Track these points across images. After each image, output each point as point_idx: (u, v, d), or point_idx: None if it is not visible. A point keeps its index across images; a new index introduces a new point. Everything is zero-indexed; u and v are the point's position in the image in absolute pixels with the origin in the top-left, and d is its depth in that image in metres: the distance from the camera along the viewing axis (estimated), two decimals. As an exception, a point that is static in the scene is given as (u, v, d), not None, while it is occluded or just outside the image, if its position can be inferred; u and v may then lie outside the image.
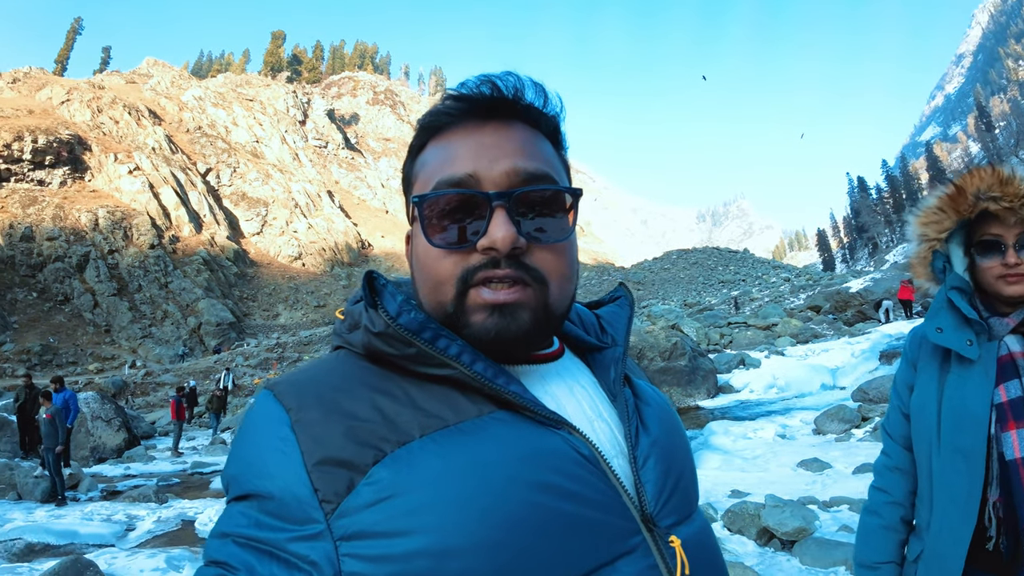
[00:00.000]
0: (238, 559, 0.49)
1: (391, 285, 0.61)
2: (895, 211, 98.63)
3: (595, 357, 0.68)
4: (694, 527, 0.61)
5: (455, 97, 0.60)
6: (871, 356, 12.62)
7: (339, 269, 68.89)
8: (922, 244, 1.37)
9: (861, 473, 5.72)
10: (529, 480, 0.51)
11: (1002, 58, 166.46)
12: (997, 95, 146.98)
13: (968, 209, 1.27)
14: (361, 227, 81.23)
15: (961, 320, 1.26)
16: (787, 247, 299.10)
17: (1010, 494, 1.17)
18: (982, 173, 1.27)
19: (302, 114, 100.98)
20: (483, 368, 0.55)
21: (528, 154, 0.59)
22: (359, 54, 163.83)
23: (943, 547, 1.23)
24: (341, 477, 0.50)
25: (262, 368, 33.49)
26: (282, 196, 74.17)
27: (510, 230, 0.55)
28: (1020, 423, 1.18)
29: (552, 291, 0.58)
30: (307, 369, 0.59)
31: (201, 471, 10.47)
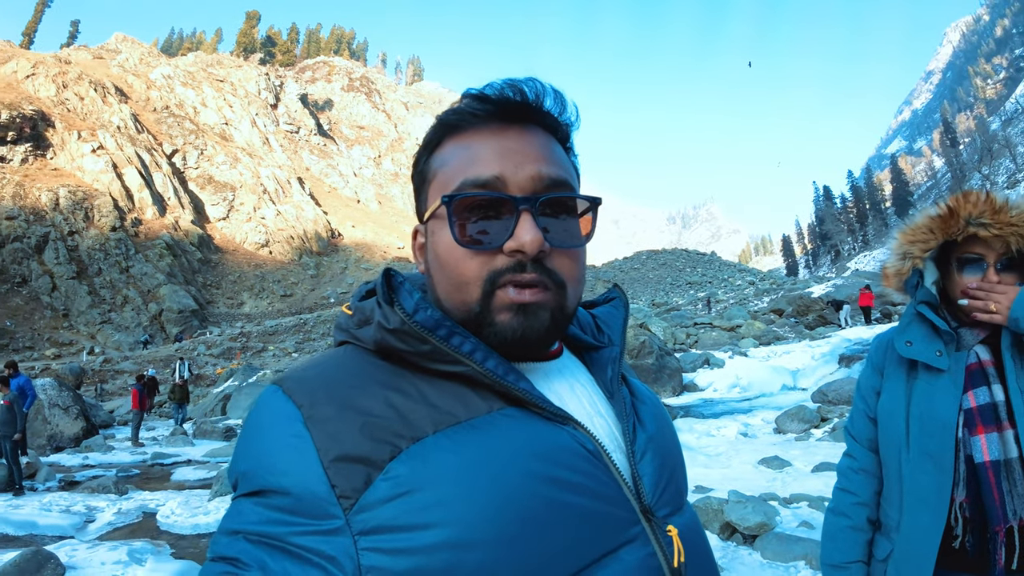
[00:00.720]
0: (250, 555, 0.49)
1: (408, 283, 0.61)
2: (858, 220, 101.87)
3: (592, 356, 0.70)
4: (686, 517, 0.64)
5: (480, 98, 0.60)
6: (831, 359, 13.06)
7: (307, 258, 67.43)
8: (906, 260, 1.42)
9: (820, 471, 5.94)
10: (540, 474, 0.53)
11: (971, 76, 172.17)
12: (964, 112, 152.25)
13: (958, 232, 1.33)
14: (332, 216, 79.40)
15: (931, 332, 1.32)
16: (753, 251, 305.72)
17: (979, 495, 1.22)
18: (976, 198, 1.33)
19: (274, 97, 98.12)
20: (494, 365, 0.57)
21: (549, 160, 0.60)
22: (335, 39, 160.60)
23: (914, 546, 1.27)
24: (358, 473, 0.50)
25: (225, 358, 32.78)
26: (250, 181, 72.13)
27: (538, 234, 0.56)
28: (988, 428, 1.22)
29: (568, 294, 0.60)
30: (314, 365, 0.60)
31: (162, 462, 10.25)
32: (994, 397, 1.24)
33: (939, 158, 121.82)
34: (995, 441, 1.22)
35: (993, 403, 1.24)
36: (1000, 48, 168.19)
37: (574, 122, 0.66)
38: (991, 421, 1.23)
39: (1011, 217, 1.27)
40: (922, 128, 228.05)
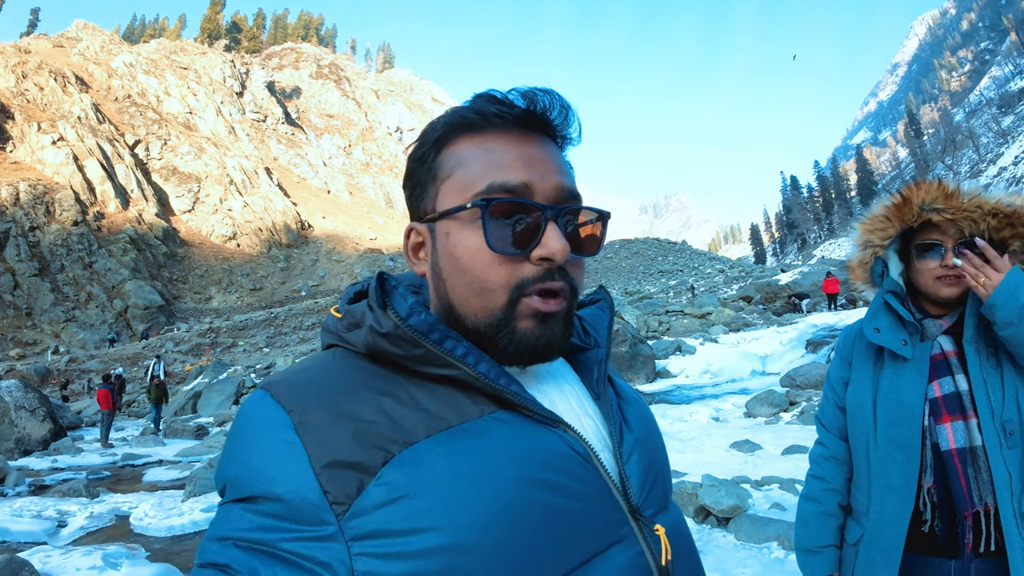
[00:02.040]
0: (240, 562, 0.49)
1: (402, 287, 0.61)
2: (824, 209, 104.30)
3: (578, 358, 0.71)
4: (672, 516, 0.65)
5: (501, 102, 0.60)
6: (798, 345, 13.45)
7: (277, 250, 66.13)
8: (867, 250, 1.48)
9: (789, 454, 6.13)
10: (532, 478, 0.54)
11: (936, 69, 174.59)
12: (928, 104, 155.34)
13: (913, 218, 1.38)
14: (301, 207, 77.88)
15: (897, 321, 1.37)
16: (722, 240, 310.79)
17: (946, 482, 1.27)
18: (928, 186, 1.38)
19: (240, 85, 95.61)
20: (486, 369, 0.57)
21: (567, 172, 0.62)
22: (303, 25, 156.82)
23: (883, 530, 1.32)
24: (351, 479, 0.50)
25: (194, 354, 32.13)
26: (216, 172, 70.24)
27: (565, 244, 0.57)
28: (953, 417, 1.27)
29: (576, 301, 0.62)
30: (303, 370, 0.59)
31: (133, 463, 10.07)
32: (958, 387, 1.29)
33: (903, 149, 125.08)
34: (960, 429, 1.26)
35: (957, 392, 1.28)
36: (966, 41, 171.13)
37: (576, 138, 0.67)
38: (956, 410, 1.27)
39: (963, 203, 1.32)
40: (887, 119, 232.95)
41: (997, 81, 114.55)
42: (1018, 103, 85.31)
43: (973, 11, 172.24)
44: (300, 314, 42.05)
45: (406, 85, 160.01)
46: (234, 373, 23.07)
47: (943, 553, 1.26)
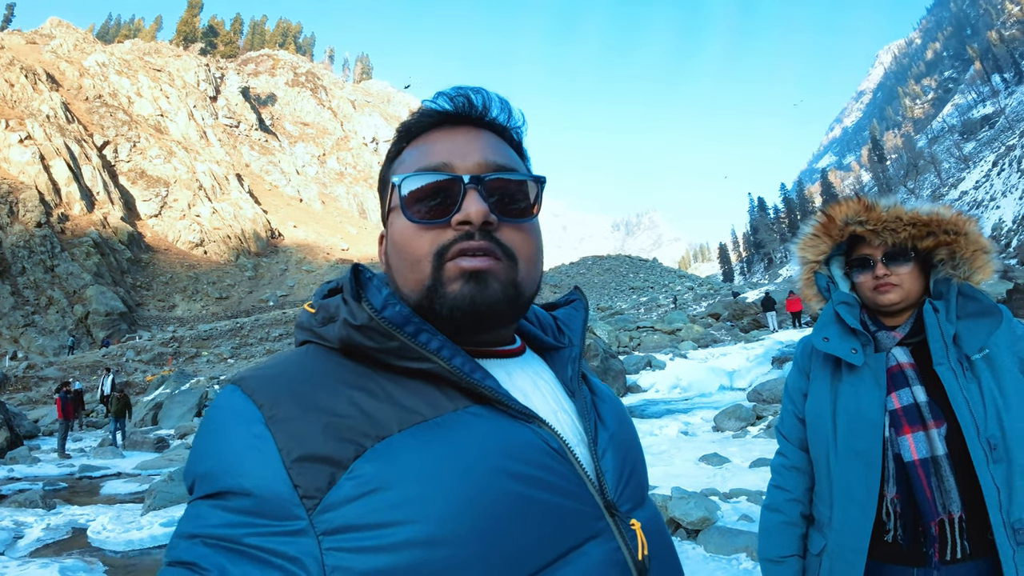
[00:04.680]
0: (209, 560, 0.48)
1: (377, 279, 0.62)
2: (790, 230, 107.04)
3: (552, 356, 0.72)
4: (648, 512, 0.65)
5: (432, 104, 0.66)
6: (764, 360, 13.75)
7: (245, 259, 64.51)
8: (804, 267, 1.54)
9: (756, 467, 6.26)
10: (506, 471, 0.53)
11: (900, 96, 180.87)
12: (892, 130, 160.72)
13: (839, 234, 1.45)
14: (272, 215, 76.39)
15: (847, 331, 1.40)
16: (692, 258, 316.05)
17: (910, 492, 1.28)
18: (849, 203, 1.44)
19: (214, 89, 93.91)
20: (461, 363, 0.57)
21: (495, 152, 0.64)
22: (281, 32, 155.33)
23: (846, 541, 1.33)
24: (322, 473, 0.50)
25: (155, 364, 31.16)
26: (185, 176, 68.53)
27: (483, 206, 0.59)
28: (914, 428, 1.29)
29: (521, 269, 0.61)
30: (275, 364, 0.59)
31: (90, 475, 9.73)
32: (916, 398, 1.30)
33: (867, 173, 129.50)
34: (922, 440, 1.28)
35: (916, 404, 1.30)
36: (930, 70, 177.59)
37: (521, 127, 0.70)
38: (916, 421, 1.29)
39: (882, 215, 1.38)
40: (852, 144, 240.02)
41: (960, 108, 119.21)
42: (980, 130, 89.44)
43: (939, 41, 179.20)
44: (267, 324, 41.11)
45: (383, 96, 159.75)
46: (197, 384, 22.45)
47: (908, 561, 1.29)
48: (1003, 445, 1.25)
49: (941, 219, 1.36)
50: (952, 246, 1.36)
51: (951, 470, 1.25)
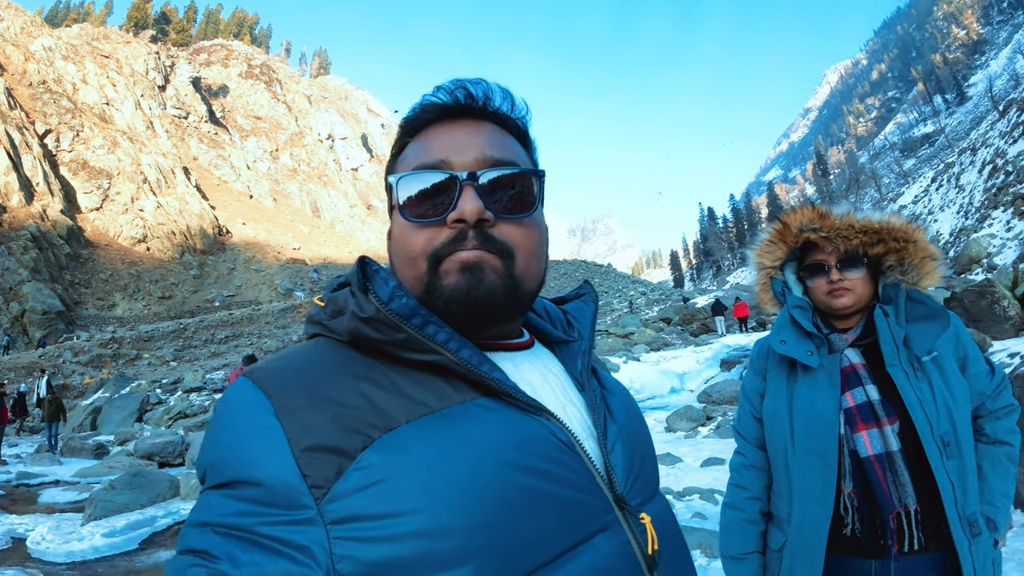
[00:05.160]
0: (219, 548, 0.48)
1: (384, 271, 0.61)
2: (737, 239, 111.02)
3: (562, 349, 0.72)
4: (659, 506, 0.65)
5: (430, 102, 0.65)
6: (713, 363, 14.18)
7: (190, 256, 61.35)
8: (760, 272, 1.59)
9: (708, 466, 6.49)
10: (513, 463, 0.53)
11: (845, 114, 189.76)
12: (836, 146, 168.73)
13: (794, 240, 1.51)
14: (220, 211, 73.05)
15: (802, 333, 1.46)
16: (644, 264, 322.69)
17: (867, 486, 1.33)
18: (804, 210, 1.50)
19: (163, 78, 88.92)
20: (468, 355, 0.57)
21: (494, 146, 0.63)
22: (237, 22, 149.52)
23: (805, 535, 1.37)
24: (330, 463, 0.50)
25: (94, 366, 29.66)
26: (129, 168, 64.61)
27: (477, 203, 0.59)
28: (868, 425, 1.34)
29: (519, 262, 0.61)
30: (285, 357, 0.59)
31: (27, 483, 9.33)
32: (869, 396, 1.36)
33: (811, 186, 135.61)
34: (876, 436, 1.33)
35: (869, 402, 1.35)
36: (875, 90, 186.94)
37: (525, 116, 0.69)
38: (870, 418, 1.34)
39: (835, 222, 1.44)
40: (798, 159, 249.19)
41: (901, 127, 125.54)
42: (920, 148, 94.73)
43: (884, 62, 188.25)
44: (212, 326, 39.64)
45: (341, 93, 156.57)
46: (138, 388, 21.56)
47: (866, 553, 1.33)
48: (955, 442, 1.31)
49: (892, 227, 1.43)
50: (901, 253, 1.42)
51: (905, 465, 1.30)
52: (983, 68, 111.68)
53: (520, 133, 0.69)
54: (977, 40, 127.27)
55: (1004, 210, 21.20)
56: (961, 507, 1.28)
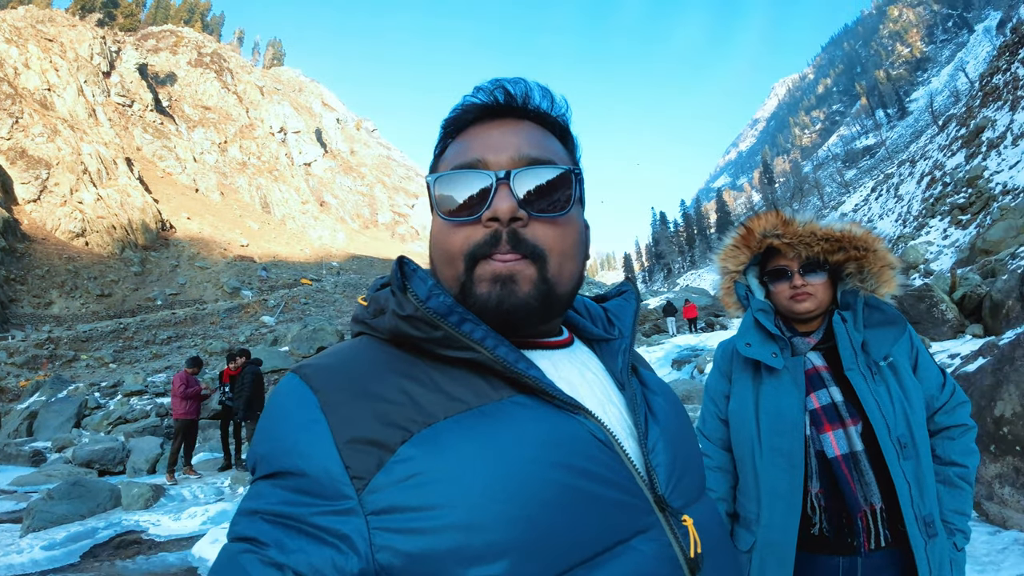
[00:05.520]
0: (268, 535, 0.50)
1: (421, 270, 0.63)
2: (687, 243, 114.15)
3: (602, 347, 0.72)
4: (704, 508, 0.64)
5: (470, 102, 0.66)
6: (665, 363, 14.62)
7: (131, 252, 58.43)
8: (724, 276, 1.61)
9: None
10: (550, 460, 0.53)
11: (791, 126, 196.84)
12: (781, 156, 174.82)
13: (757, 245, 1.53)
14: (163, 205, 69.87)
15: (766, 336, 1.48)
16: (599, 267, 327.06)
17: (834, 486, 1.35)
18: (768, 216, 1.53)
19: (108, 64, 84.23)
20: (505, 352, 0.58)
21: (531, 144, 0.64)
22: (188, 8, 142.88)
23: (774, 536, 1.38)
24: (371, 455, 0.52)
25: (29, 368, 28.29)
26: (69, 158, 60.89)
27: (512, 202, 0.59)
28: (834, 426, 1.36)
29: (551, 265, 0.61)
30: (331, 354, 0.62)
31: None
32: (833, 398, 1.38)
33: (757, 194, 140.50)
34: (842, 437, 1.35)
35: (833, 403, 1.38)
36: (820, 103, 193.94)
37: (565, 114, 0.69)
38: (835, 419, 1.37)
39: (798, 229, 1.48)
40: (745, 167, 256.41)
41: (844, 139, 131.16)
42: (861, 159, 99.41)
43: (830, 77, 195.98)
44: (154, 326, 38.23)
45: (295, 85, 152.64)
46: (76, 391, 20.77)
47: (834, 551, 1.35)
48: (912, 444, 1.34)
49: (852, 236, 1.46)
50: (861, 261, 1.45)
51: (869, 464, 1.33)
52: (925, 84, 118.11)
53: (561, 131, 0.69)
54: (920, 58, 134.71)
55: (941, 219, 22.32)
56: (917, 507, 1.31)
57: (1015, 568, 3.19)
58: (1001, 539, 3.60)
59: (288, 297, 47.82)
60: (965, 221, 20.57)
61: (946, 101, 77.60)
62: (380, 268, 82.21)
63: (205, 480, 8.70)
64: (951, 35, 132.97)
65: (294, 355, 22.18)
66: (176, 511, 6.86)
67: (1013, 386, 3.78)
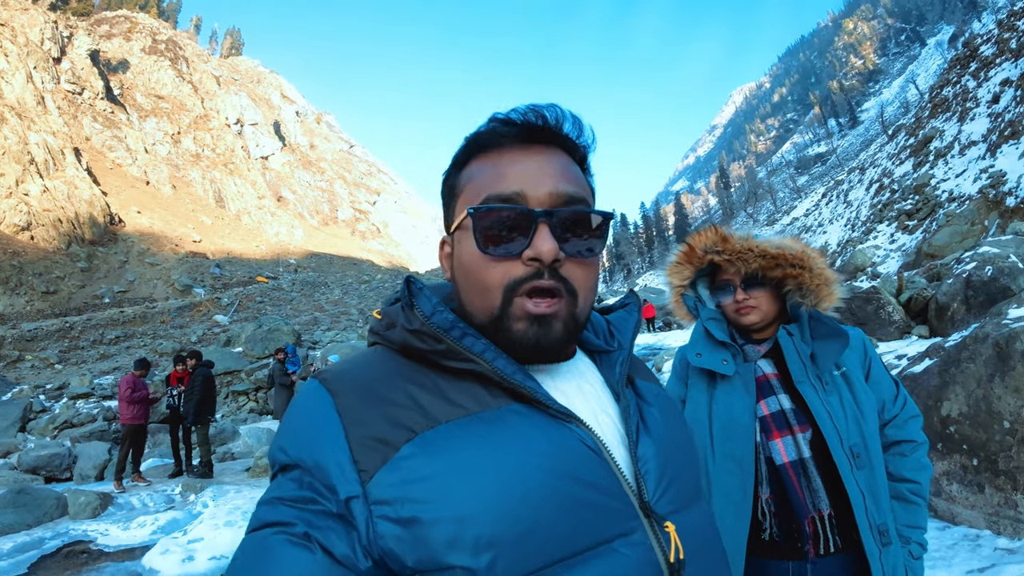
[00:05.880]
0: (293, 516, 0.56)
1: (427, 289, 0.68)
2: (647, 244, 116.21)
3: (602, 359, 0.75)
4: (693, 515, 0.67)
5: (505, 122, 0.67)
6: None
7: (78, 247, 55.53)
8: (672, 290, 1.64)
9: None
10: (539, 464, 0.58)
11: (747, 133, 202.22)
12: (737, 161, 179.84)
13: (699, 261, 1.56)
14: (112, 198, 66.48)
15: (717, 344, 1.51)
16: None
17: (783, 492, 1.37)
18: (707, 233, 1.55)
19: (60, 50, 79.70)
20: (503, 365, 0.62)
21: (566, 178, 0.66)
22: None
23: (726, 541, 1.34)
24: (378, 451, 0.57)
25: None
26: (15, 147, 57.31)
27: (554, 244, 0.62)
28: (782, 432, 1.39)
29: (580, 302, 0.65)
30: (349, 362, 0.67)
31: None
32: (782, 405, 1.41)
33: (714, 197, 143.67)
34: (790, 444, 1.38)
35: (782, 410, 1.40)
36: (775, 111, 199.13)
37: (591, 144, 0.72)
38: (784, 426, 1.39)
39: (736, 245, 1.50)
40: (703, 172, 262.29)
41: (797, 146, 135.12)
42: (813, 166, 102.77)
43: (785, 86, 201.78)
44: (101, 325, 36.72)
45: (253, 76, 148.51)
46: (20, 394, 19.86)
47: (785, 556, 1.37)
48: (865, 453, 1.35)
49: (786, 254, 1.48)
50: (799, 278, 1.47)
51: (817, 471, 1.35)
52: (876, 95, 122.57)
53: (581, 157, 0.72)
54: (873, 69, 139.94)
55: (888, 224, 23.12)
56: (872, 516, 1.32)
57: (966, 563, 3.33)
58: (951, 535, 3.76)
59: (243, 295, 46.61)
60: (912, 226, 21.46)
61: (896, 112, 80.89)
62: (340, 266, 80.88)
63: (155, 487, 8.45)
64: (904, 48, 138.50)
65: (248, 356, 21.60)
66: (125, 520, 6.68)
67: (959, 387, 3.95)
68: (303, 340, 26.13)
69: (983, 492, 3.71)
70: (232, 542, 5.24)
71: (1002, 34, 23.20)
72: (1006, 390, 3.66)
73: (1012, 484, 3.55)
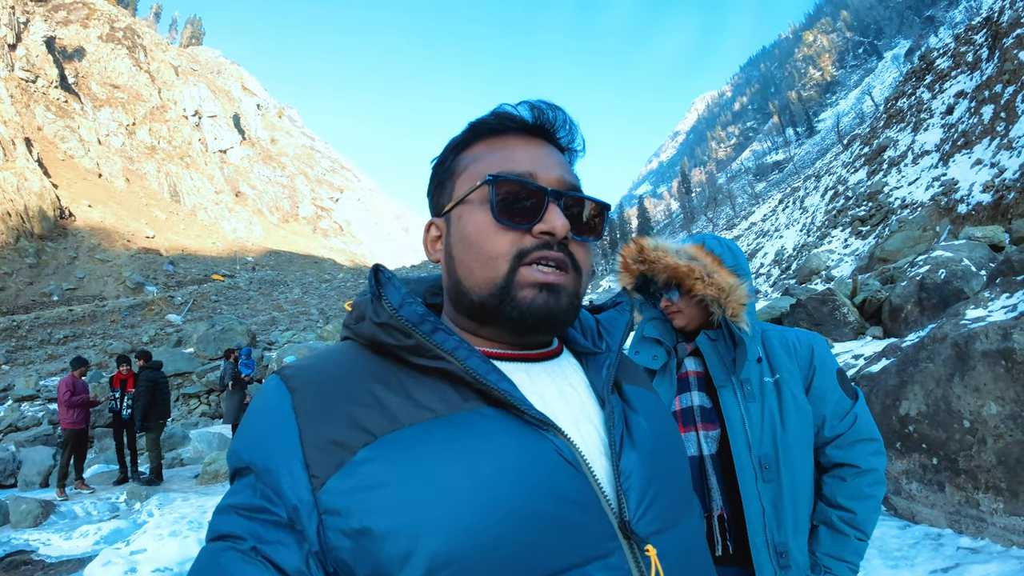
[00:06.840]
0: (244, 528, 0.52)
1: (396, 279, 0.64)
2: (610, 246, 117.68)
3: (589, 360, 0.71)
4: (678, 535, 0.62)
5: (513, 114, 0.68)
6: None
7: (26, 242, 52.96)
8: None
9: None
10: (508, 476, 0.53)
11: (708, 139, 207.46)
12: (699, 167, 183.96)
13: (633, 270, 1.58)
14: (63, 190, 63.67)
15: (651, 342, 1.57)
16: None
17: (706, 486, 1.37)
18: (629, 246, 1.59)
19: (14, 36, 75.94)
20: (476, 364, 0.58)
21: (569, 170, 0.69)
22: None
23: None
24: (333, 455, 0.53)
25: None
26: None
27: (565, 221, 0.62)
28: (687, 428, 1.41)
29: (582, 282, 0.65)
30: (315, 356, 0.63)
31: None
32: (693, 402, 1.43)
33: (676, 202, 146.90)
34: (692, 440, 1.40)
35: (691, 407, 1.43)
36: (736, 119, 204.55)
37: (580, 151, 0.74)
38: (690, 422, 1.42)
39: (649, 255, 1.53)
40: (665, 177, 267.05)
41: (756, 154, 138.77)
42: (771, 173, 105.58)
43: (746, 95, 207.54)
44: (50, 324, 35.09)
45: (213, 66, 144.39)
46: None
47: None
48: (775, 467, 1.33)
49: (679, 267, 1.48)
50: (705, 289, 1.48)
51: (715, 472, 1.35)
52: (833, 106, 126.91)
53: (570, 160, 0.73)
54: (830, 81, 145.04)
55: (842, 230, 23.65)
56: (771, 534, 1.29)
57: (929, 563, 3.36)
58: (912, 533, 3.80)
59: (197, 294, 45.24)
60: (865, 232, 22.15)
61: (852, 122, 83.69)
62: (300, 264, 79.26)
63: (99, 495, 8.12)
64: (861, 61, 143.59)
65: (199, 356, 20.90)
66: (67, 529, 6.40)
67: (918, 386, 4.02)
68: (259, 341, 25.40)
69: (943, 491, 3.77)
70: (177, 553, 5.03)
71: (959, 47, 24.10)
72: (966, 389, 3.72)
73: (974, 483, 3.60)
